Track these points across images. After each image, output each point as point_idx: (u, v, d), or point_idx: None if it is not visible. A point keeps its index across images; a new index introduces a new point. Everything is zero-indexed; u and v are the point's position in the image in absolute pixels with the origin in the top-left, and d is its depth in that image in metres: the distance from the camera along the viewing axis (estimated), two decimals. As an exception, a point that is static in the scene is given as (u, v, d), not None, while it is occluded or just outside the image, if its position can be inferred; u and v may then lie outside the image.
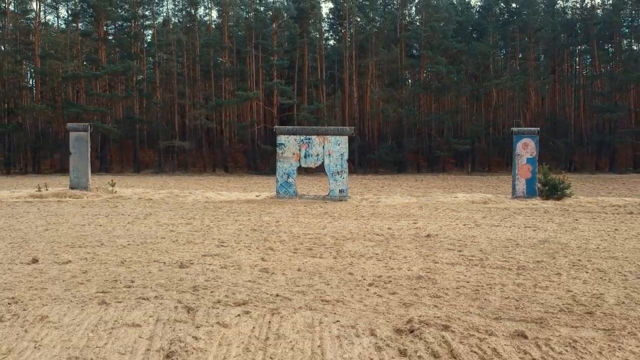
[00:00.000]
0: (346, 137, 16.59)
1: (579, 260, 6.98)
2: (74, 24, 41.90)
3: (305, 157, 16.33)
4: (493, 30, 43.12)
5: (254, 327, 4.32)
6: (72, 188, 17.29)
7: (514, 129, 17.00)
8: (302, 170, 19.41)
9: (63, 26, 44.46)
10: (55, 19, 45.57)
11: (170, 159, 40.50)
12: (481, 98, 43.82)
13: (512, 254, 7.39)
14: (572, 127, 45.26)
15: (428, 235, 9.01)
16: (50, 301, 5.00)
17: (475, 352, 3.84)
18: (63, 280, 5.79)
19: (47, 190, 16.83)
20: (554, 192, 16.03)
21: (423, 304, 5.04)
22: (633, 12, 43.74)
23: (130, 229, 9.66)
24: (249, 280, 5.88)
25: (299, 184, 19.22)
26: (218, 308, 4.80)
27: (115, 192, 17.22)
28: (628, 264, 6.75)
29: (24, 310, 4.71)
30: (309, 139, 16.37)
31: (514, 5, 44.41)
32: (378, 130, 43.78)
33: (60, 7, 42.58)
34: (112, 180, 18.27)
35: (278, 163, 16.60)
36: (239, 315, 4.62)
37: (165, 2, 46.14)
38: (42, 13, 41.05)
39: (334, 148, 16.27)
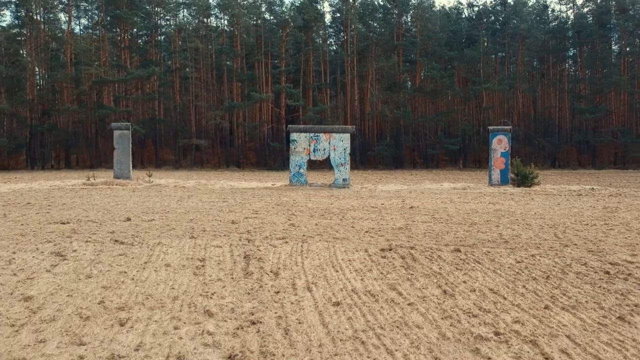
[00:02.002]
0: (348, 135, 19.00)
1: (517, 220, 9.40)
2: (95, 31, 44.48)
3: (314, 151, 18.75)
4: (483, 37, 45.39)
5: (292, 247, 6.75)
6: (116, 178, 19.74)
7: (490, 127, 19.38)
8: (311, 163, 21.70)
9: (83, 32, 47.04)
10: (82, 27, 47.90)
11: (187, 156, 42.97)
12: (472, 100, 46.14)
13: (470, 217, 9.80)
14: (557, 126, 47.57)
15: (411, 207, 11.44)
16: (155, 237, 7.43)
17: (427, 257, 6.25)
18: (156, 229, 8.21)
19: (95, 179, 19.27)
20: (524, 180, 18.41)
21: (400, 240, 7.45)
22: (615, 21, 45.95)
23: (182, 204, 12.10)
24: (283, 229, 8.30)
25: (307, 176, 21.59)
26: (267, 239, 7.24)
27: (152, 181, 19.65)
28: (550, 221, 9.16)
29: (144, 241, 7.14)
30: (317, 136, 18.79)
31: (503, 15, 46.65)
32: (377, 129, 46.14)
33: (87, 17, 45.07)
34: (149, 172, 20.72)
35: (291, 156, 19.01)
36: (281, 243, 7.04)
37: (182, 12, 48.44)
38: (72, 23, 43.57)
39: (338, 144, 18.68)
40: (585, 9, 47.81)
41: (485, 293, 4.71)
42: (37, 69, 38.15)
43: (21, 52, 40.44)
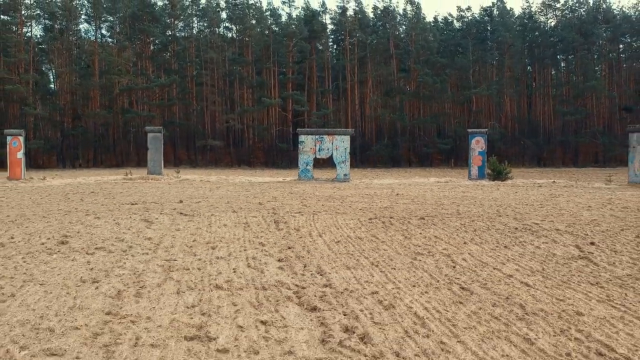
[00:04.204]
0: (348, 136, 21.51)
1: (476, 202, 11.92)
2: (115, 40, 47.19)
3: (319, 150, 21.28)
4: (472, 46, 47.85)
5: (306, 217, 9.29)
6: (149, 174, 22.31)
7: (469, 130, 21.87)
8: (316, 161, 24.16)
9: (102, 40, 49.81)
10: (101, 36, 50.60)
11: (201, 156, 45.59)
12: (463, 104, 48.61)
13: (442, 201, 12.32)
14: (542, 128, 49.96)
15: (397, 194, 13.96)
16: (208, 212, 9.97)
17: (400, 222, 8.77)
18: (205, 207, 10.76)
19: (132, 175, 21.85)
20: (499, 175, 20.90)
21: (383, 213, 9.97)
22: (595, 31, 48.34)
23: (214, 193, 14.65)
24: (298, 208, 10.83)
25: (313, 172, 24.10)
26: (288, 213, 9.78)
27: (180, 177, 22.21)
28: (500, 203, 11.67)
29: (201, 213, 9.68)
30: (322, 137, 21.31)
31: (490, 26, 49.13)
32: (376, 131, 48.68)
33: (109, 29, 47.74)
34: (177, 169, 23.29)
35: (299, 155, 21.54)
36: (298, 215, 9.57)
37: (195, 23, 51.01)
38: (99, 36, 46.31)
39: (339, 144, 21.20)
40: (567, 18, 50.16)
41: (431, 238, 7.23)
42: (67, 77, 40.85)
43: (51, 61, 43.16)
